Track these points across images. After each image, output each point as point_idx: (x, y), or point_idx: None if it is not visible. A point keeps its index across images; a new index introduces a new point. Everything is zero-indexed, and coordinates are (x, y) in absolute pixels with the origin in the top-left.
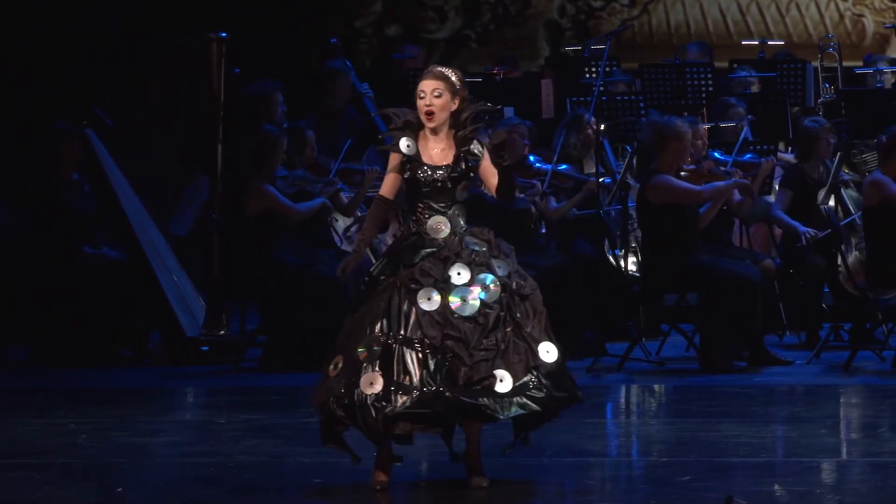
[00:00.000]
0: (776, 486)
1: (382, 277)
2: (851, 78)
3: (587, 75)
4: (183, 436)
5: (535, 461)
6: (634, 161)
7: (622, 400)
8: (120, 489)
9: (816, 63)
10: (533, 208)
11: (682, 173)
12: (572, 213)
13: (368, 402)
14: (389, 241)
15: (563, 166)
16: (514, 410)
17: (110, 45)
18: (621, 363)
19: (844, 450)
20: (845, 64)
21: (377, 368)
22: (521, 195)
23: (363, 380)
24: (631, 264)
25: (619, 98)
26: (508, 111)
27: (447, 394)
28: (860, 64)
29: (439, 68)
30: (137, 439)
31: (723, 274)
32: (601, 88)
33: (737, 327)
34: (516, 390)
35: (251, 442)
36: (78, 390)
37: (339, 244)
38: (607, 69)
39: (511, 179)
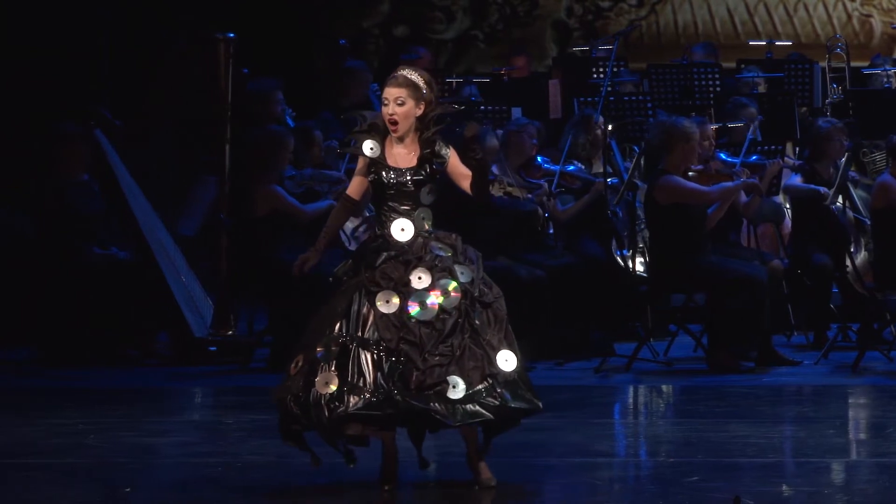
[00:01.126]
0: (784, 487)
1: (346, 278)
2: (859, 78)
3: (595, 76)
4: (190, 436)
5: (543, 461)
6: (642, 161)
7: (630, 400)
8: (127, 489)
9: (824, 63)
10: (540, 210)
11: (690, 174)
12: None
13: (322, 401)
14: None
15: (571, 167)
16: (465, 418)
17: (117, 45)
18: (629, 363)
19: (853, 450)
20: (853, 64)
21: (333, 369)
22: (529, 196)
23: (319, 379)
24: (638, 265)
25: (626, 98)
26: (516, 111)
27: (398, 397)
28: (868, 64)
29: (404, 73)
30: (145, 439)
31: (731, 274)
32: (609, 89)
33: (745, 328)
34: (469, 397)
35: (258, 442)
36: (85, 390)
37: (347, 244)
38: (615, 69)
39: (485, 175)
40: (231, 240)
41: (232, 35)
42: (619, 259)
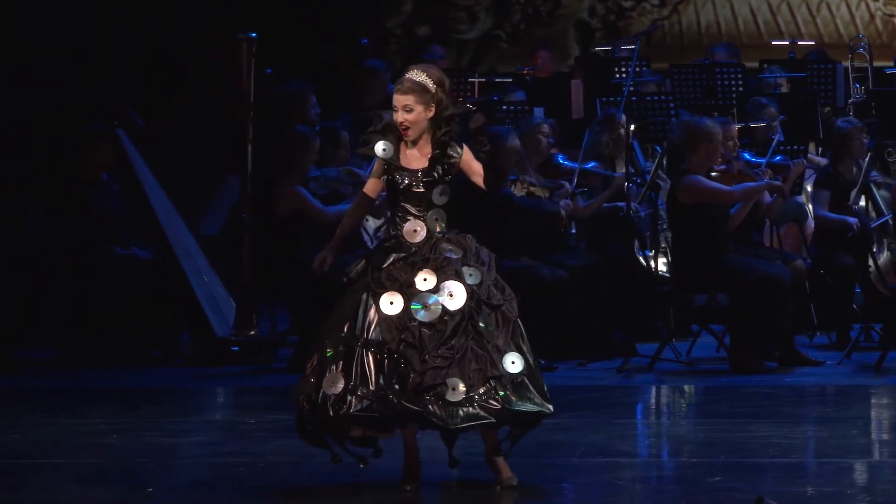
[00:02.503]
0: (808, 489)
1: (356, 279)
2: (882, 78)
3: (617, 75)
4: (213, 436)
5: (566, 461)
6: (664, 161)
7: (652, 400)
8: (150, 489)
9: (847, 63)
10: (563, 212)
11: (713, 174)
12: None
13: (328, 402)
14: None
15: (590, 164)
16: (464, 420)
17: (141, 45)
18: (651, 363)
19: (876, 450)
20: (876, 64)
21: (341, 369)
22: (546, 196)
23: (326, 380)
24: (661, 265)
25: (648, 98)
26: (538, 111)
27: (394, 399)
28: (891, 64)
29: (411, 77)
30: (167, 439)
31: (753, 274)
32: (631, 88)
33: (767, 328)
34: (468, 400)
35: (281, 442)
36: (108, 390)
37: (369, 244)
38: (637, 69)
39: (493, 166)
40: (253, 240)
41: (254, 35)
42: (641, 259)
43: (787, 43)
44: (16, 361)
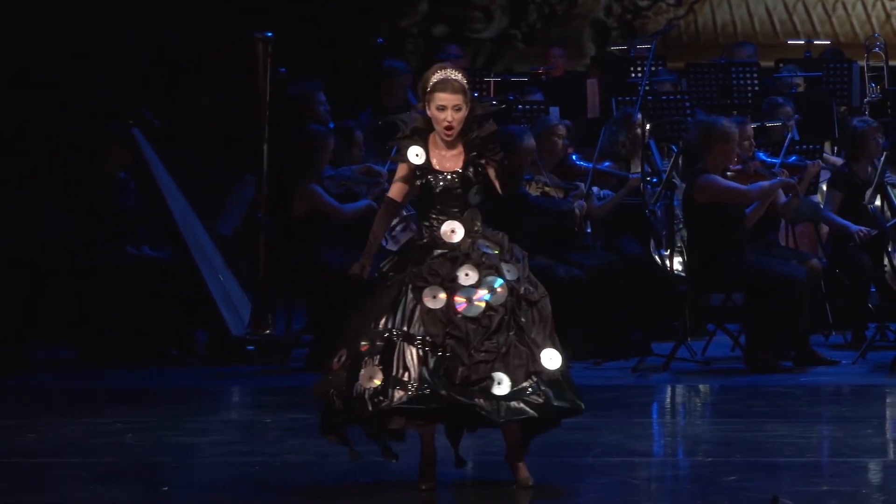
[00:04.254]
0: (823, 488)
1: (391, 274)
2: None
3: (633, 75)
4: (229, 435)
5: (581, 460)
6: (680, 161)
7: (668, 400)
8: (166, 488)
9: (863, 62)
10: (578, 211)
11: (729, 173)
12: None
13: (366, 396)
14: None
15: (605, 164)
16: (510, 414)
17: (158, 45)
18: (667, 363)
19: (891, 450)
20: (892, 63)
21: (378, 363)
22: (561, 195)
23: (363, 374)
24: (677, 264)
25: (664, 98)
26: (554, 111)
27: (442, 392)
28: None
29: (455, 77)
30: (184, 438)
31: (769, 274)
32: (647, 88)
33: (783, 327)
34: (514, 394)
35: (297, 441)
36: (125, 390)
37: (384, 244)
38: (653, 69)
39: (504, 172)
40: (269, 239)
41: (270, 34)
42: (657, 258)
43: (802, 42)
44: (33, 361)
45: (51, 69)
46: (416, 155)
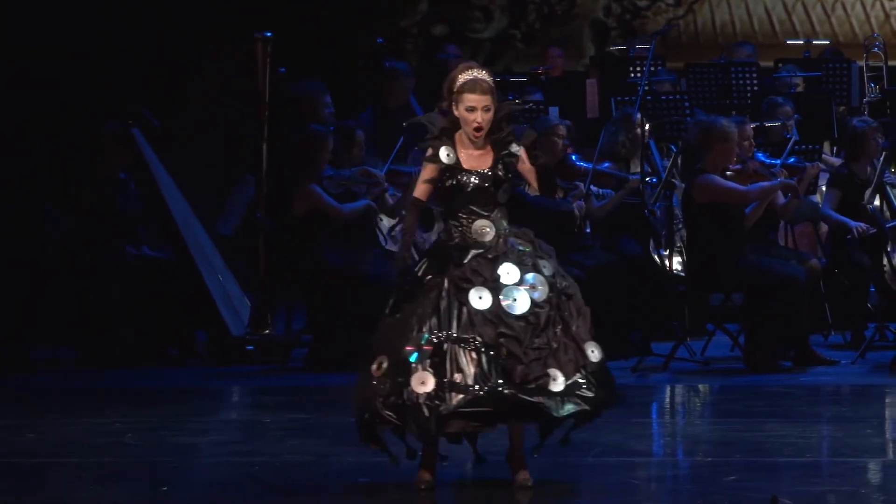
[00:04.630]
0: (823, 488)
1: (429, 277)
2: None
3: (632, 75)
4: (229, 435)
5: (581, 460)
6: (679, 161)
7: (667, 400)
8: (166, 488)
9: (862, 62)
10: (577, 212)
11: (728, 173)
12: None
13: (420, 401)
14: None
15: (604, 165)
16: (569, 409)
17: (158, 44)
18: (666, 363)
19: (891, 449)
20: (891, 63)
21: (428, 368)
22: (561, 195)
23: (414, 379)
24: (676, 264)
25: (664, 98)
26: (553, 111)
27: (507, 392)
28: None
29: (484, 78)
30: (183, 438)
31: (768, 274)
32: (646, 88)
33: (782, 327)
34: (568, 389)
35: (297, 441)
36: (124, 390)
37: (384, 244)
38: (652, 69)
39: (548, 176)
40: (269, 239)
41: (270, 34)
42: (656, 258)
43: (801, 42)
44: (33, 361)
45: (51, 69)
46: (447, 155)
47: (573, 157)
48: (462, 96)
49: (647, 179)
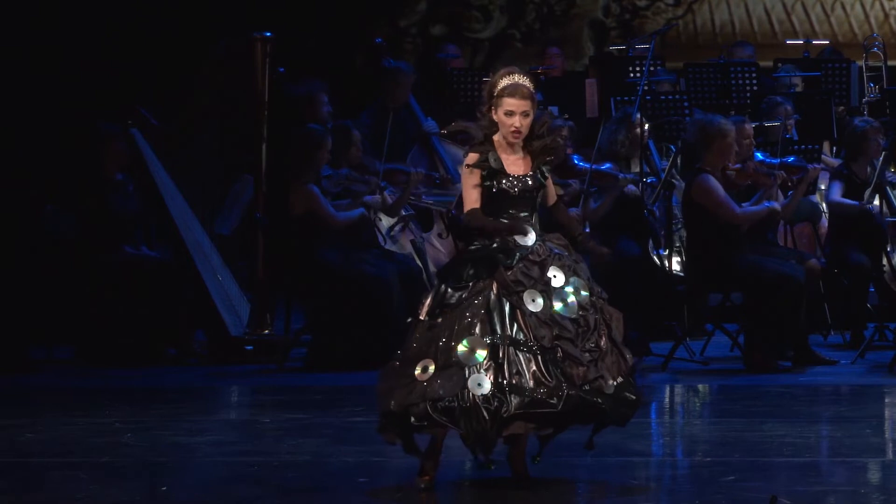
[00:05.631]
0: (822, 488)
1: (473, 282)
2: None
3: (632, 75)
4: (227, 435)
5: (580, 460)
6: (678, 160)
7: (666, 400)
8: (164, 488)
9: (861, 62)
10: (575, 212)
11: (729, 172)
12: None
13: (479, 402)
14: (434, 240)
15: (605, 165)
16: (619, 410)
17: (159, 45)
18: (665, 363)
19: (889, 450)
20: (890, 63)
21: (483, 370)
22: (561, 193)
23: (471, 381)
24: (675, 264)
25: (663, 97)
26: (553, 111)
27: (571, 393)
28: None
29: (524, 83)
30: (182, 438)
31: (768, 274)
32: (646, 88)
33: (781, 327)
34: (618, 391)
35: (295, 441)
36: (123, 389)
37: (382, 244)
38: (652, 68)
39: (564, 211)
40: (268, 239)
41: (269, 34)
42: (655, 258)
43: (801, 42)
44: (32, 361)
45: (49, 69)
46: (494, 160)
47: (574, 159)
48: (502, 100)
49: (645, 179)
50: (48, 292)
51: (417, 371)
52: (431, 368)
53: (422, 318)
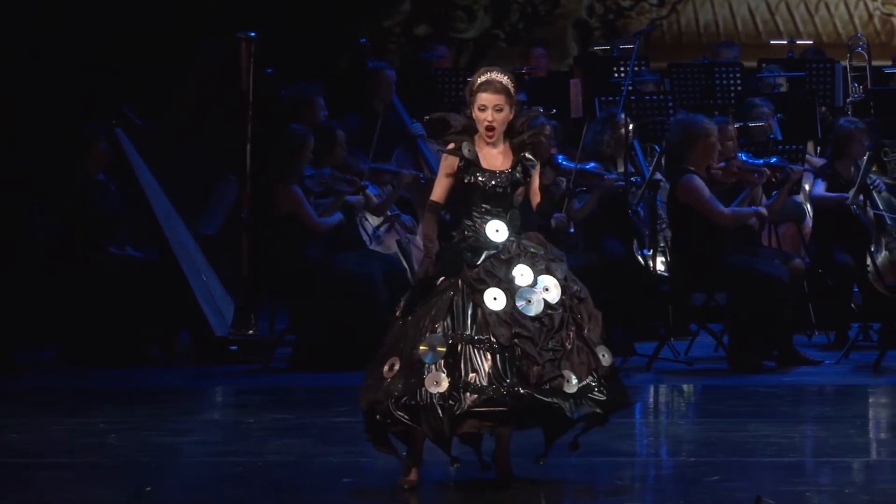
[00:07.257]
0: (806, 488)
1: (442, 279)
2: (880, 77)
3: (616, 75)
4: (212, 435)
5: (565, 460)
6: (663, 161)
7: (651, 400)
8: (149, 488)
9: (845, 62)
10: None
11: (714, 170)
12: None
13: (434, 401)
14: (419, 241)
15: (590, 164)
16: (581, 411)
17: (140, 44)
18: (650, 363)
19: (874, 450)
20: (874, 63)
21: (442, 368)
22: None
23: (427, 379)
24: (659, 264)
25: (647, 98)
26: (538, 110)
27: (522, 391)
28: (889, 63)
29: (499, 78)
30: (167, 439)
31: (752, 274)
32: (630, 88)
33: (766, 327)
34: (581, 392)
35: (280, 441)
36: (107, 390)
37: (368, 244)
38: (636, 69)
39: (552, 202)
40: (252, 238)
41: (253, 34)
42: (640, 258)
43: (785, 42)
44: (16, 362)
45: (33, 69)
46: (468, 150)
47: (559, 159)
48: (476, 96)
49: (630, 179)
50: (32, 293)
51: (385, 369)
52: (397, 366)
53: (398, 315)
